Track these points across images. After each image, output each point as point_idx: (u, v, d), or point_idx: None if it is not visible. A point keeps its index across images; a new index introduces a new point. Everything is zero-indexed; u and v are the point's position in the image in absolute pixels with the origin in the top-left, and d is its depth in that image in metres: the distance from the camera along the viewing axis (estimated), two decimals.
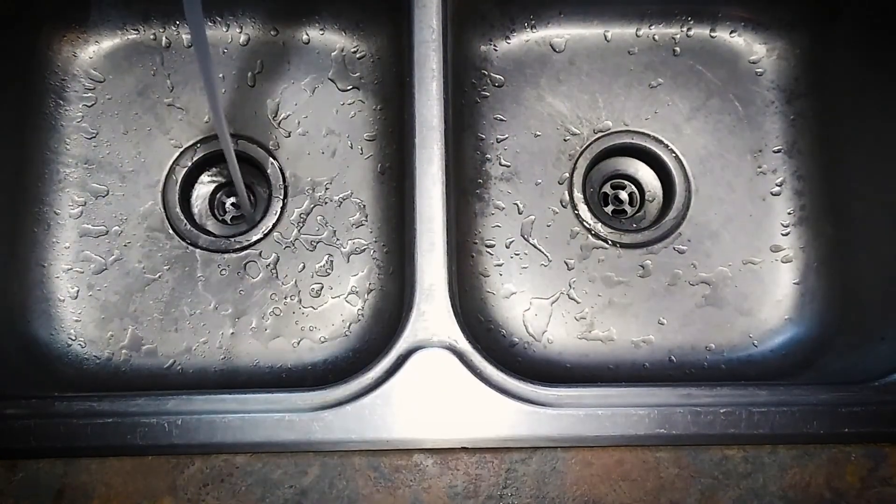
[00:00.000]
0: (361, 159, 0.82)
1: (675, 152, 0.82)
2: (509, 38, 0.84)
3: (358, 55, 0.83)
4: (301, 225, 0.81)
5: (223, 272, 0.79)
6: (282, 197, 0.81)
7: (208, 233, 0.81)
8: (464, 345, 0.65)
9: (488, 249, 0.81)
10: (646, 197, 0.83)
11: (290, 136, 0.82)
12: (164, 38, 0.83)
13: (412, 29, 0.71)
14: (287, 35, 0.83)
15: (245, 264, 0.80)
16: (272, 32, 0.83)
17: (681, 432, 0.62)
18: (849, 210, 0.79)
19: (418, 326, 0.65)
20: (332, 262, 0.80)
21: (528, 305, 0.79)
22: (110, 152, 0.81)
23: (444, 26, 0.72)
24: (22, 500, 0.60)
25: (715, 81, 0.83)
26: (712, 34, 0.84)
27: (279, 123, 0.82)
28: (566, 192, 0.82)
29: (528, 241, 0.81)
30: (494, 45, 0.84)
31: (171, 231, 0.80)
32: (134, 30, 0.83)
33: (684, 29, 0.84)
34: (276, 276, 0.80)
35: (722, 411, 0.62)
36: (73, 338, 0.77)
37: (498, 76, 0.84)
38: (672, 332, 0.79)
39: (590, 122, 0.83)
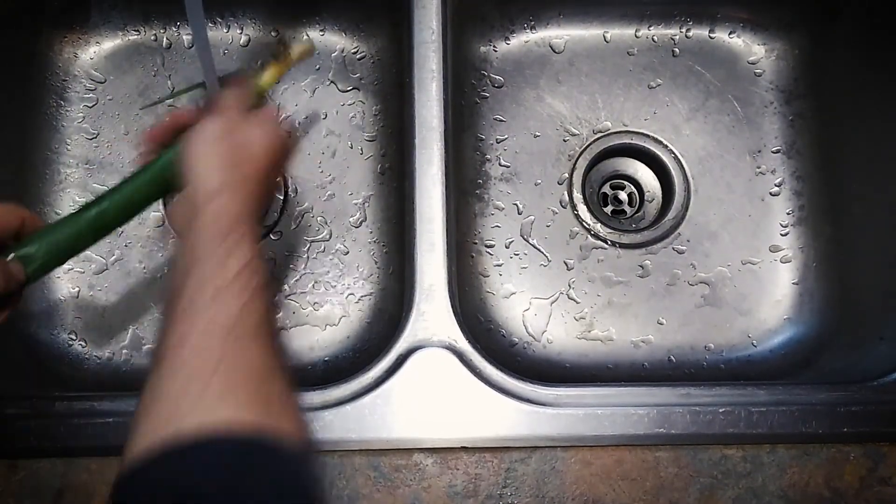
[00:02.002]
0: (361, 160, 0.82)
1: (674, 153, 0.82)
2: (509, 39, 0.85)
3: (358, 56, 0.84)
4: (301, 225, 0.81)
5: None
6: (282, 197, 0.81)
7: None
8: (463, 344, 0.65)
9: (488, 249, 0.81)
10: (645, 197, 0.84)
11: (290, 136, 0.82)
12: (164, 39, 0.83)
13: (412, 30, 0.72)
14: (287, 36, 0.83)
15: None
16: (273, 33, 0.84)
17: (680, 432, 0.62)
18: (848, 210, 0.79)
19: (418, 326, 0.65)
20: (331, 262, 0.80)
21: (527, 305, 0.80)
22: (111, 153, 0.81)
23: (443, 27, 0.72)
24: (22, 500, 0.60)
25: (714, 82, 0.84)
26: (711, 35, 0.84)
27: (279, 124, 0.82)
28: (565, 193, 0.82)
29: (527, 242, 0.81)
30: (494, 46, 0.84)
31: (171, 231, 0.80)
32: (135, 31, 0.83)
33: (683, 30, 0.84)
34: (276, 277, 0.80)
35: (721, 411, 0.62)
36: (74, 338, 0.77)
37: (497, 77, 0.84)
38: (671, 331, 0.79)
39: (589, 122, 0.83)
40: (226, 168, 0.51)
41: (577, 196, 0.82)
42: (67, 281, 0.78)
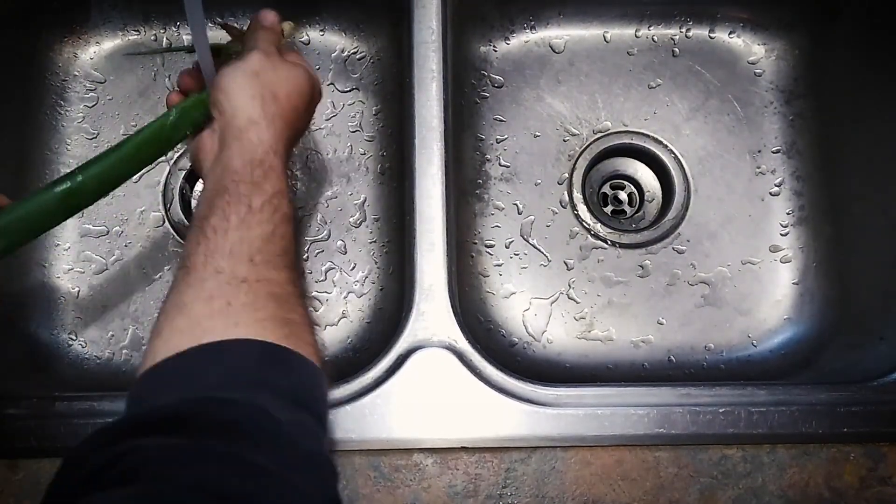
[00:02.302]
0: (361, 160, 0.82)
1: (674, 153, 0.82)
2: (509, 39, 0.85)
3: (358, 56, 0.84)
4: (300, 225, 0.81)
5: None
6: None
7: None
8: (463, 345, 0.65)
9: (488, 249, 0.81)
10: (645, 197, 0.84)
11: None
12: (164, 39, 0.83)
13: (412, 30, 0.72)
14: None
15: None
16: None
17: (680, 432, 0.62)
18: (848, 210, 0.79)
19: (418, 326, 0.65)
20: (331, 262, 0.80)
21: (527, 305, 0.80)
22: None
23: (443, 27, 0.72)
24: (23, 500, 0.60)
25: (714, 82, 0.84)
26: (711, 35, 0.84)
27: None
28: (565, 193, 0.82)
29: (527, 242, 0.81)
30: (494, 46, 0.84)
31: (171, 231, 0.80)
32: (135, 31, 0.83)
33: (683, 30, 0.84)
34: None
35: (721, 411, 0.62)
36: (74, 338, 0.77)
37: (497, 77, 0.84)
38: (671, 331, 0.79)
39: (589, 122, 0.83)
40: (264, 101, 0.53)
41: (577, 196, 0.82)
42: (67, 281, 0.78)
